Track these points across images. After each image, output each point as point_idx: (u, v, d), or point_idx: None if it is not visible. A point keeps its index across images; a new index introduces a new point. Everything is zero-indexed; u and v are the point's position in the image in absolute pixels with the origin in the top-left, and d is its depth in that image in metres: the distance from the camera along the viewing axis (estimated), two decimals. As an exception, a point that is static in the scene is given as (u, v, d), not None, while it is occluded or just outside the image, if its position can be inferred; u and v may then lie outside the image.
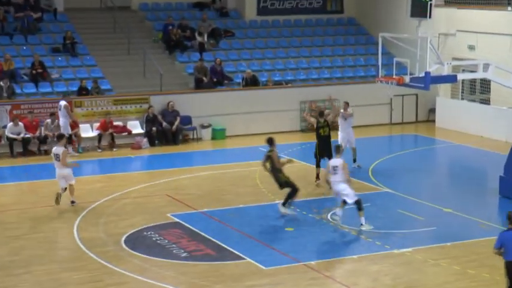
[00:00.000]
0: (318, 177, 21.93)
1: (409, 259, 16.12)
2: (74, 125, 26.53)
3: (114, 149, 26.88)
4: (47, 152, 26.21)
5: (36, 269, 15.64)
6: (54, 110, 26.67)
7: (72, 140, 26.21)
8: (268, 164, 19.22)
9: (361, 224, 17.87)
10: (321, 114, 22.41)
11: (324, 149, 21.76)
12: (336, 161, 18.36)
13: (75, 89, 28.08)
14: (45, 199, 20.76)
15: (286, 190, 19.20)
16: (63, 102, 26.08)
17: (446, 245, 16.91)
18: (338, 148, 18.88)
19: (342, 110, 24.08)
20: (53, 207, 19.82)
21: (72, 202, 19.95)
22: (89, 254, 16.42)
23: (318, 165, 21.98)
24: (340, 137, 23.63)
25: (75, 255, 16.47)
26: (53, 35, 30.90)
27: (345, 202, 18.14)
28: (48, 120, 26.26)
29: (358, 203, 17.84)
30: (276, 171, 19.14)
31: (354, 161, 23.74)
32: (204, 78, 29.71)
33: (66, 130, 25.50)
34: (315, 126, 22.16)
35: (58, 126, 26.19)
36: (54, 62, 29.47)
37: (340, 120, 23.89)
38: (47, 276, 15.24)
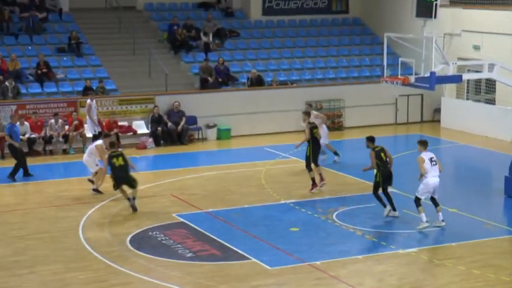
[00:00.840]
0: (315, 182, 21.12)
1: (414, 259, 16.11)
2: (80, 125, 26.55)
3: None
4: (52, 152, 26.28)
5: (41, 269, 15.66)
6: (59, 110, 26.73)
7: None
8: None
9: (442, 220, 17.93)
10: (308, 114, 22.05)
11: (319, 152, 21.40)
12: (429, 153, 18.11)
13: (80, 89, 28.12)
14: (50, 199, 20.81)
15: None
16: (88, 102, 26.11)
17: (451, 245, 16.90)
18: (424, 142, 18.43)
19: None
20: (58, 207, 19.86)
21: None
22: (94, 254, 16.43)
23: (311, 169, 21.07)
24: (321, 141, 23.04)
25: (80, 255, 16.48)
26: (58, 35, 30.96)
27: (432, 199, 17.98)
28: (52, 121, 26.30)
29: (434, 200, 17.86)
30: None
31: (336, 153, 24.28)
32: (209, 78, 29.73)
33: (92, 128, 25.67)
34: (308, 128, 21.12)
35: (62, 126, 26.25)
36: (60, 62, 29.52)
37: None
38: (52, 277, 15.26)
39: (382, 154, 18.63)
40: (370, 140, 18.87)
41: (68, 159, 25.82)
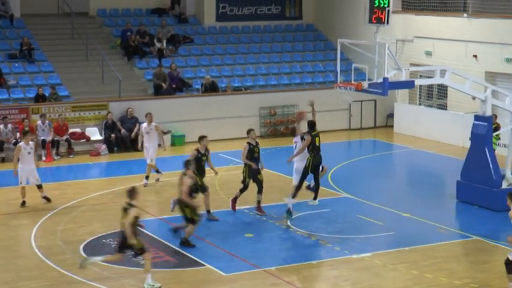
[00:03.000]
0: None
1: (368, 264, 16.20)
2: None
3: (71, 156, 26.65)
4: (4, 160, 25.91)
5: (-8, 278, 15.45)
6: (10, 117, 26.42)
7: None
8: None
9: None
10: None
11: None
12: None
13: (32, 95, 27.81)
14: (0, 207, 20.52)
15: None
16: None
17: (404, 249, 17.04)
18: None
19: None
20: (9, 215, 19.60)
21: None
22: (47, 262, 16.25)
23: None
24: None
25: (32, 263, 16.28)
26: (10, 41, 30.58)
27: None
28: (1, 126, 25.97)
29: None
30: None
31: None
32: (163, 85, 29.62)
33: None
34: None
35: (13, 131, 25.96)
36: (11, 69, 29.16)
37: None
38: (4, 286, 15.03)
39: (317, 139, 18.63)
40: (310, 124, 18.89)
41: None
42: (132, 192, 14.87)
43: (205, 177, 19.62)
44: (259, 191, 19.71)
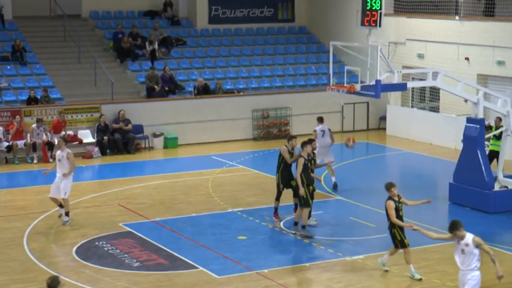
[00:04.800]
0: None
1: (361, 266, 16.23)
2: (21, 132, 26.13)
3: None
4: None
5: (-15, 281, 15.41)
6: (1, 120, 26.34)
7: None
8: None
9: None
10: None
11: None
12: None
13: (24, 98, 27.76)
14: (-6, 210, 20.50)
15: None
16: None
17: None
18: None
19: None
20: (2, 217, 19.55)
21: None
22: (39, 265, 16.21)
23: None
24: None
25: (25, 266, 16.25)
26: (2, 44, 30.52)
27: None
28: None
29: None
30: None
31: None
32: (156, 87, 29.60)
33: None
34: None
35: (3, 133, 25.88)
36: (3, 71, 29.10)
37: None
38: (-3, 288, 15.02)
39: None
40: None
41: (11, 169, 25.43)
42: None
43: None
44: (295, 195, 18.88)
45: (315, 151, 19.04)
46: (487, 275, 15.83)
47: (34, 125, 26.29)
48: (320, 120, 22.85)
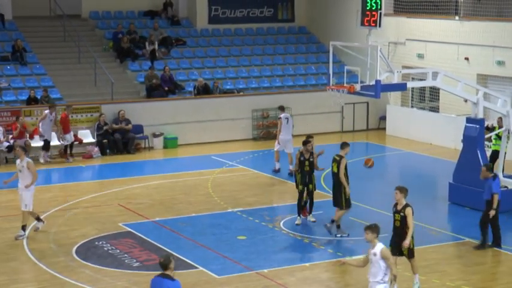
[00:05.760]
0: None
1: (360, 266, 16.21)
2: (21, 134, 26.12)
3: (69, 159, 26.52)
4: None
5: (-15, 280, 15.42)
6: (1, 120, 26.33)
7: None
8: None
9: None
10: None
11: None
12: None
13: (24, 98, 27.77)
14: (-6, 210, 20.51)
15: None
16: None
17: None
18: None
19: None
20: (2, 217, 19.55)
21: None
22: (39, 265, 16.22)
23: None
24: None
25: (25, 266, 16.26)
26: (2, 44, 30.52)
27: None
28: None
29: None
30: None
31: None
32: (155, 80, 29.50)
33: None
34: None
35: (4, 133, 25.86)
36: (3, 71, 29.10)
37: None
38: (-4, 288, 15.04)
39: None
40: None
41: (12, 169, 25.37)
42: None
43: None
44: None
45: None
46: (487, 275, 15.89)
47: (47, 111, 26.06)
48: (282, 108, 25.29)
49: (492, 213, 17.07)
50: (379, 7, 19.59)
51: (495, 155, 22.38)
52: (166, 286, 10.48)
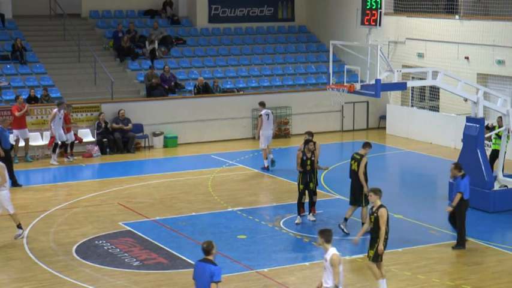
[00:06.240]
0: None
1: (360, 265, 16.23)
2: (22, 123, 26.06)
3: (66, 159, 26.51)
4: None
5: (-15, 280, 15.42)
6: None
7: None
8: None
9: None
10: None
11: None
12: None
13: (25, 97, 27.70)
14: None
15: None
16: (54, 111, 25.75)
17: (397, 250, 17.06)
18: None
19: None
20: (2, 216, 19.54)
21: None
22: (39, 264, 16.23)
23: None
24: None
25: (25, 265, 16.25)
26: (1, 43, 30.52)
27: None
28: None
29: None
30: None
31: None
32: (154, 80, 29.51)
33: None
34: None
35: None
36: (3, 70, 29.10)
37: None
38: (-4, 287, 15.04)
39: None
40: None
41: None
42: None
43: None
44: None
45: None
46: (487, 275, 15.89)
47: (55, 109, 25.85)
48: (263, 104, 25.20)
49: (449, 209, 17.16)
50: (379, 6, 19.58)
51: (495, 154, 22.37)
52: (209, 270, 11.58)
